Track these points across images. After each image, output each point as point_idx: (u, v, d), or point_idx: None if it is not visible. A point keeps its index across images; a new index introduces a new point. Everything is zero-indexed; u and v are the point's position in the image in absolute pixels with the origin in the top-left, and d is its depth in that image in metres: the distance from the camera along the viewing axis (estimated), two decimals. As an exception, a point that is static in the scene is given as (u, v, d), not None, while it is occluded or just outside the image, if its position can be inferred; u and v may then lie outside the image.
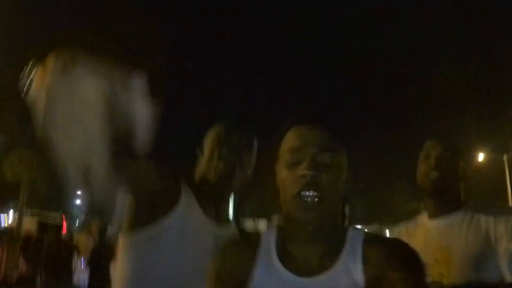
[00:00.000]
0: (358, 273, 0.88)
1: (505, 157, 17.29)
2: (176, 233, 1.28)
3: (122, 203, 1.29)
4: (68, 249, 7.73)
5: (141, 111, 1.05)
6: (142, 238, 1.28)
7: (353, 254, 0.91)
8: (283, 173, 0.93)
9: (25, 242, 7.60)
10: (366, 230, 0.99)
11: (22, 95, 1.00)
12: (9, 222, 14.46)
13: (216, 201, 1.45)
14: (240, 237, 1.39)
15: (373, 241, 0.93)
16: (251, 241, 1.02)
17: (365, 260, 0.89)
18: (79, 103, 0.99)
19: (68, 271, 7.54)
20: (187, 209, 1.33)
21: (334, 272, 0.90)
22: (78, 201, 25.13)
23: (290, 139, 0.95)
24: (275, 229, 1.01)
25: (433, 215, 1.50)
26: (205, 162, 1.43)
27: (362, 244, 0.92)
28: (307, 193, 0.88)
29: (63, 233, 10.16)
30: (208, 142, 1.46)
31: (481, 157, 16.44)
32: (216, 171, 1.39)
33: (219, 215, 1.44)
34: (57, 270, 7.31)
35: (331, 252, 0.92)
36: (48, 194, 11.95)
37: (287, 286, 0.91)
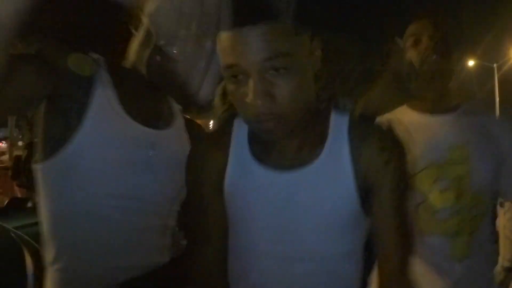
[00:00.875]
0: (345, 165, 0.78)
1: (495, 66, 17.15)
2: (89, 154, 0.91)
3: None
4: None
5: None
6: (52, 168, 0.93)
7: (338, 143, 0.80)
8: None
9: (15, 164, 7.61)
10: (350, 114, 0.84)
11: None
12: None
13: (156, 94, 1.02)
14: (213, 130, 1.10)
15: (361, 126, 0.82)
16: (224, 134, 0.86)
17: (353, 150, 0.79)
18: None
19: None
20: (102, 115, 0.92)
21: (317, 165, 0.79)
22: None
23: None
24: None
25: (429, 110, 1.25)
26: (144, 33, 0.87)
27: (348, 131, 0.80)
28: None
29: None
30: None
31: (471, 64, 16.20)
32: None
33: (157, 114, 1.04)
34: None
35: (313, 142, 0.81)
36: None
37: (264, 184, 0.80)
